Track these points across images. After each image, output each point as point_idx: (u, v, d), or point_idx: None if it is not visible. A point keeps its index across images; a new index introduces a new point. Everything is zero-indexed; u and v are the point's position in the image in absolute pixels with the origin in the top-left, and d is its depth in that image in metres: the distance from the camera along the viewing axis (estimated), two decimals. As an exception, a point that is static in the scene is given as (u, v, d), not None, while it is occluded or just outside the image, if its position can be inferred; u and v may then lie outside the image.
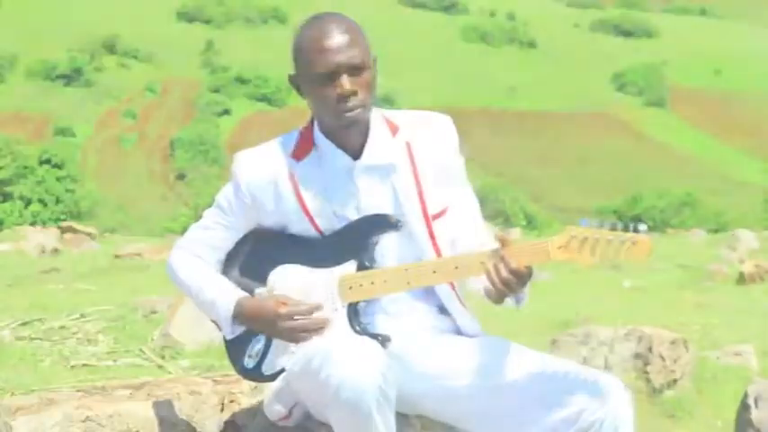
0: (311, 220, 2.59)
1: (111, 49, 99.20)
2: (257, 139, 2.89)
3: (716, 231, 30.69)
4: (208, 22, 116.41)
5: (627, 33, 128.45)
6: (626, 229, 2.30)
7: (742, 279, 11.62)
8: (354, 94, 2.49)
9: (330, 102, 2.50)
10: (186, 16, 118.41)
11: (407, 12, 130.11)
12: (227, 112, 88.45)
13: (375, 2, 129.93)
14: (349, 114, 2.50)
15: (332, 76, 2.49)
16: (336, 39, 2.49)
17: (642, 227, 2.29)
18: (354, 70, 2.49)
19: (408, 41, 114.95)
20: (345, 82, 2.48)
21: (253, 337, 2.62)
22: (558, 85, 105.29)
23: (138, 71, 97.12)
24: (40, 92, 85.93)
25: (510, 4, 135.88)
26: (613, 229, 2.31)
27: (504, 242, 2.41)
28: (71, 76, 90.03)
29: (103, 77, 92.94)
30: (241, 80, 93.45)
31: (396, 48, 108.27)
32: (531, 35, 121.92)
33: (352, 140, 2.58)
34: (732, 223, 39.15)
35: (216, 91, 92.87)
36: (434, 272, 2.51)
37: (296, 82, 2.60)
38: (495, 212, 40.19)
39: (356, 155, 2.59)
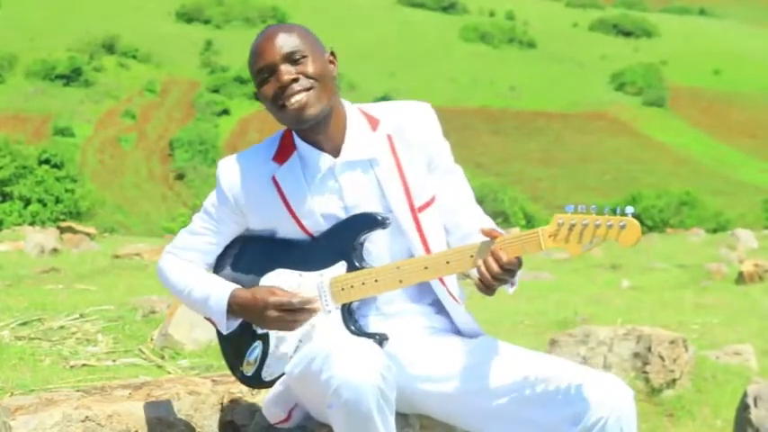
0: (298, 222, 2.57)
1: (110, 49, 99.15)
2: (257, 139, 2.89)
3: (715, 231, 30.75)
4: (207, 22, 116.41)
5: (626, 33, 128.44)
6: (613, 212, 2.27)
7: (741, 279, 11.64)
8: (295, 80, 2.47)
9: (274, 97, 2.49)
10: (185, 16, 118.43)
11: (406, 11, 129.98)
12: (226, 112, 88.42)
13: (375, 2, 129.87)
14: (293, 101, 2.46)
15: (271, 72, 2.49)
16: (270, 38, 2.50)
17: (629, 209, 2.25)
18: (292, 59, 2.48)
19: (407, 41, 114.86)
20: (282, 72, 2.47)
21: (250, 344, 2.62)
22: (557, 85, 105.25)
23: (138, 71, 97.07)
24: (40, 92, 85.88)
25: (509, 4, 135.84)
26: (600, 212, 2.28)
27: (490, 235, 2.40)
28: (71, 76, 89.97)
29: (103, 77, 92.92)
30: (240, 80, 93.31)
31: (395, 48, 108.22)
32: (530, 35, 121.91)
33: (329, 139, 2.55)
34: (731, 223, 39.21)
35: (215, 91, 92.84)
36: (426, 268, 2.48)
37: (257, 97, 2.59)
38: (494, 212, 40.19)
39: (336, 153, 2.56)
